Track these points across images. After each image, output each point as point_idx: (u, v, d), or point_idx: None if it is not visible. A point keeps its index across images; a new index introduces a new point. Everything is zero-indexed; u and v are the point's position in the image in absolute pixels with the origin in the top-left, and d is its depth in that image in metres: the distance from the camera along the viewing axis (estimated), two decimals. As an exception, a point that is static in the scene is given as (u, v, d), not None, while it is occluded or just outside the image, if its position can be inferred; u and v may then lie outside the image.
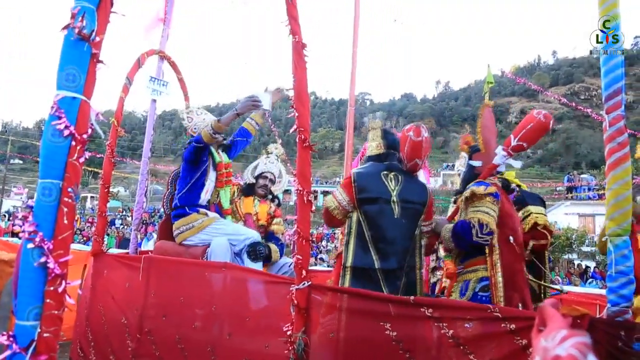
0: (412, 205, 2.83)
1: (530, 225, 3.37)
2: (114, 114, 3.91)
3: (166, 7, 4.63)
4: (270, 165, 4.27)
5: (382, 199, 2.77)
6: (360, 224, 2.78)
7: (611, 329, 1.88)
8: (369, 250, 2.72)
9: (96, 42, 1.44)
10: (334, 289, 2.43)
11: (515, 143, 2.89)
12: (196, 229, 3.59)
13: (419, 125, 2.84)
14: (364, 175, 2.86)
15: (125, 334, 3.31)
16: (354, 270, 2.72)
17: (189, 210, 3.67)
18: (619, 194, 2.00)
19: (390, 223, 2.74)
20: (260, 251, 3.57)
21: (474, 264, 2.89)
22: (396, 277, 2.70)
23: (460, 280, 2.97)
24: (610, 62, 2.10)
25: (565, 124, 75.75)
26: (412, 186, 2.89)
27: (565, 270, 17.94)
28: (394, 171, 2.89)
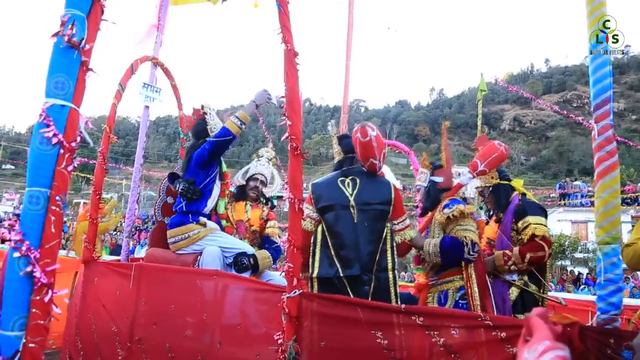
0: (372, 207, 2.82)
1: (528, 236, 3.35)
2: (107, 120, 3.90)
3: (160, 13, 4.64)
4: (260, 168, 4.19)
5: (339, 205, 2.79)
6: (324, 234, 2.81)
7: (601, 337, 1.89)
8: (333, 259, 2.73)
9: (86, 50, 1.44)
10: (325, 297, 2.42)
11: (481, 168, 3.38)
12: (191, 239, 3.50)
13: (364, 125, 2.83)
14: (320, 185, 2.93)
15: (116, 342, 3.27)
16: (319, 281, 2.74)
17: (190, 219, 3.54)
18: (608, 202, 2.02)
19: (350, 228, 2.75)
20: (242, 262, 3.47)
21: (450, 275, 3.14)
22: (363, 283, 2.70)
23: (434, 291, 3.22)
24: (599, 72, 2.12)
25: (557, 131, 76.33)
26: (373, 187, 2.88)
27: (558, 276, 18.03)
28: (351, 175, 2.90)
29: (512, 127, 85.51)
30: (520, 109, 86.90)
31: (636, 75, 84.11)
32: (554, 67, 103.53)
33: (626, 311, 4.80)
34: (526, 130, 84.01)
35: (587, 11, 2.18)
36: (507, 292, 3.38)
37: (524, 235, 3.37)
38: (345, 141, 3.09)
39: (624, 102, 78.61)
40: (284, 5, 2.31)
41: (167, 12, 4.70)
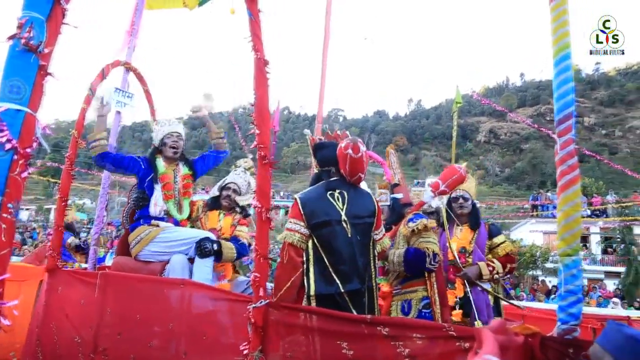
0: (362, 220, 2.83)
1: (505, 251, 3.90)
2: (75, 125, 3.81)
3: (134, 18, 4.59)
4: (235, 177, 4.19)
5: (334, 221, 2.74)
6: (317, 250, 2.72)
7: (561, 347, 1.92)
8: (330, 274, 2.67)
9: (45, 53, 1.41)
10: (291, 307, 2.41)
11: (442, 188, 3.59)
12: (144, 241, 3.54)
13: (355, 141, 2.82)
14: (310, 200, 2.83)
15: (79, 353, 3.19)
16: (318, 299, 2.64)
17: (141, 223, 3.64)
18: (569, 215, 2.06)
19: (346, 243, 2.72)
20: (204, 246, 3.48)
21: (413, 285, 3.35)
22: (361, 296, 2.70)
23: (398, 300, 3.43)
24: (562, 88, 2.17)
25: (531, 143, 77.93)
26: (359, 200, 2.88)
27: (529, 286, 18.32)
28: (338, 189, 2.86)
29: (487, 139, 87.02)
30: (496, 122, 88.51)
31: (606, 91, 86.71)
32: (528, 81, 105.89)
33: (592, 320, 4.92)
34: (501, 142, 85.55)
35: (551, 28, 2.24)
36: (488, 299, 3.75)
37: (501, 250, 3.91)
38: (321, 154, 3.03)
39: (595, 116, 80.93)
40: (255, 14, 2.31)
41: (141, 17, 4.65)
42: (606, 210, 23.43)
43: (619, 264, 22.60)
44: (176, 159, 3.95)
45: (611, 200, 23.62)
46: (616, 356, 1.56)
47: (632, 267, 19.01)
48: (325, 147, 3.03)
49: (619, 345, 1.58)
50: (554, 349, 1.92)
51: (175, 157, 3.94)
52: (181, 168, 3.97)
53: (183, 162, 4.01)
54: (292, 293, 2.64)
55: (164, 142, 3.93)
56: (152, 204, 3.70)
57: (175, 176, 3.90)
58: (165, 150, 3.91)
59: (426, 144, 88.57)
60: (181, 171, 3.95)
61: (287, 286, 2.63)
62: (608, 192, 26.62)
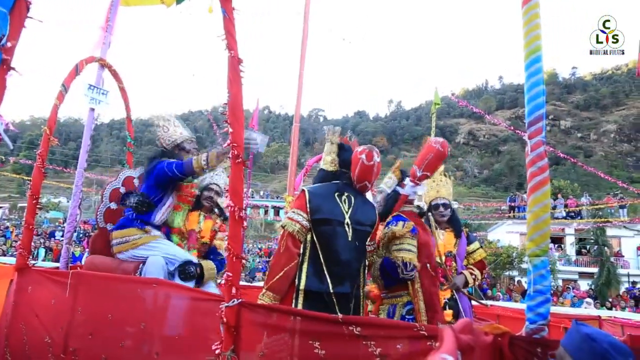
0: (363, 228, 2.86)
1: (481, 257, 4.21)
2: (47, 122, 3.74)
3: (109, 14, 4.52)
4: (216, 177, 4.13)
5: (336, 221, 2.76)
6: (314, 246, 2.73)
7: (529, 346, 1.95)
8: (323, 273, 2.68)
9: (7, 47, 1.37)
10: (262, 306, 2.40)
11: (420, 174, 3.16)
12: (130, 244, 3.44)
13: (372, 149, 2.85)
14: (317, 196, 2.82)
15: (49, 354, 3.13)
16: (307, 294, 2.66)
17: (134, 223, 3.49)
18: (539, 216, 2.09)
19: (345, 246, 2.74)
20: (189, 271, 3.45)
21: (397, 290, 3.14)
22: (348, 300, 2.72)
23: (385, 304, 3.26)
24: (533, 90, 2.20)
25: (509, 145, 79.20)
26: (364, 208, 2.92)
27: (506, 286, 18.59)
28: (347, 192, 2.89)
29: (466, 141, 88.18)
30: (475, 124, 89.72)
31: (582, 95, 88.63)
32: (507, 85, 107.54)
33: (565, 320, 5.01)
34: (480, 144, 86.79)
35: (523, 32, 2.28)
36: (469, 301, 4.01)
37: (477, 255, 4.19)
38: (347, 155, 3.00)
39: (571, 120, 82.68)
40: (229, 12, 2.29)
41: (116, 13, 4.58)
42: (581, 212, 23.94)
43: (592, 265, 23.10)
44: None
45: (585, 202, 24.13)
46: (574, 356, 1.59)
47: (604, 267, 19.45)
48: (347, 150, 3.05)
49: (577, 345, 1.61)
50: (523, 348, 1.95)
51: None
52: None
53: None
54: (283, 283, 2.65)
55: (183, 147, 3.76)
56: (160, 212, 3.57)
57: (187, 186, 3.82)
58: (185, 156, 3.68)
59: (406, 144, 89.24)
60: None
61: (279, 276, 2.64)
62: (583, 194, 27.19)
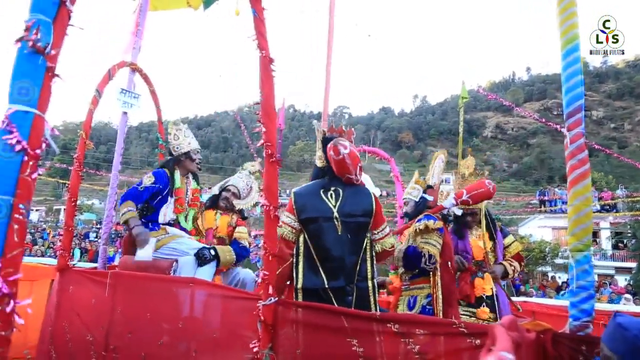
0: (355, 219, 2.81)
1: (518, 250, 4.17)
2: (83, 126, 3.84)
3: (138, 18, 4.60)
4: (237, 180, 4.22)
5: (323, 217, 2.77)
6: (307, 245, 2.78)
7: (573, 344, 1.91)
8: (318, 270, 2.73)
9: (52, 55, 1.41)
10: (301, 304, 2.41)
11: (465, 198, 3.53)
12: (159, 243, 3.60)
13: (336, 142, 2.79)
14: (302, 195, 2.89)
15: (91, 351, 3.21)
16: (304, 292, 2.72)
17: (150, 228, 3.67)
18: (580, 210, 2.04)
19: (334, 241, 2.74)
20: (204, 254, 3.55)
21: (420, 282, 3.45)
22: (346, 294, 2.71)
23: (406, 295, 3.57)
24: (571, 81, 2.15)
25: (539, 138, 77.51)
26: (355, 199, 2.86)
27: (539, 282, 18.21)
28: (334, 186, 2.87)
29: (494, 134, 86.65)
30: (503, 117, 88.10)
31: (614, 84, 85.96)
32: (535, 75, 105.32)
33: (604, 317, 4.87)
34: (508, 137, 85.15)
35: (558, 20, 2.22)
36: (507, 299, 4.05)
37: (513, 249, 4.14)
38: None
39: (603, 110, 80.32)
40: (259, 12, 2.30)
41: (145, 18, 4.66)
42: (616, 205, 23.24)
43: (630, 260, 22.40)
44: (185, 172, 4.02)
45: (621, 195, 23.42)
46: (610, 347, 1.56)
47: (644, 262, 18.85)
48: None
49: (611, 336, 1.58)
50: (567, 345, 1.91)
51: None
52: (191, 181, 4.05)
53: (192, 176, 4.08)
54: (280, 283, 2.69)
55: (190, 156, 3.91)
56: (161, 214, 3.76)
57: (187, 190, 3.99)
58: (190, 164, 3.91)
59: (432, 140, 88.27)
60: (191, 184, 4.04)
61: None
62: (618, 187, 26.39)
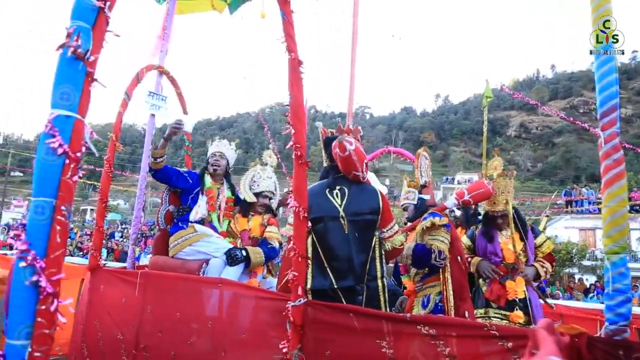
0: (362, 217, 2.81)
1: (549, 250, 4.12)
2: (113, 129, 3.92)
3: (165, 22, 4.67)
4: (268, 182, 4.24)
5: (328, 217, 2.78)
6: (314, 246, 2.78)
7: (609, 348, 1.86)
8: (326, 270, 2.73)
9: (91, 61, 1.45)
10: (330, 305, 2.41)
11: (467, 198, 3.67)
12: (180, 245, 3.76)
13: (342, 140, 2.79)
14: (308, 196, 2.83)
15: (121, 350, 3.28)
16: (314, 293, 2.72)
17: (179, 226, 3.85)
18: (615, 211, 1.99)
19: (341, 240, 2.74)
20: (235, 254, 3.63)
21: (432, 281, 3.50)
22: (356, 293, 2.71)
23: (420, 295, 3.60)
24: (605, 80, 2.11)
25: (564, 137, 75.99)
26: (361, 197, 2.86)
27: (565, 284, 17.85)
28: (339, 185, 2.87)
29: (518, 134, 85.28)
30: (527, 115, 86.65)
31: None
32: (560, 73, 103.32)
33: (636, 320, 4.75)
34: (532, 136, 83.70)
35: (592, 18, 2.18)
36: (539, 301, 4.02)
37: (545, 249, 4.11)
38: (330, 148, 3.00)
39: (632, 108, 78.23)
40: (288, 15, 2.32)
41: (172, 21, 4.73)
42: (646, 205, 22.61)
43: (661, 262, 21.79)
44: (219, 176, 4.15)
45: (652, 195, 22.78)
46: None
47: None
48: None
49: None
50: (603, 350, 1.86)
51: (214, 174, 4.13)
52: (225, 189, 4.16)
53: (228, 186, 4.21)
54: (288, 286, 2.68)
55: (208, 160, 4.20)
56: (193, 212, 3.89)
57: (219, 195, 4.10)
58: (209, 167, 4.16)
59: (455, 140, 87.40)
60: (224, 192, 4.14)
61: (285, 280, 2.68)
62: (648, 186, 25.68)
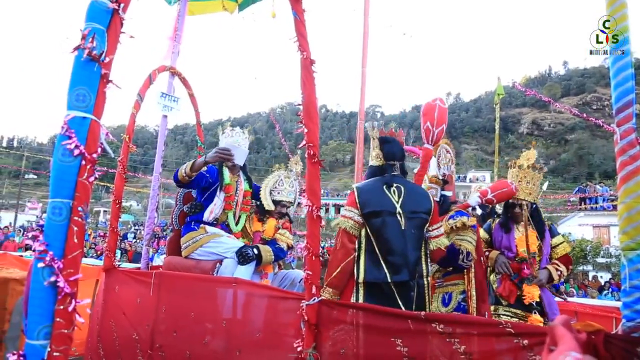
0: (417, 215, 2.86)
1: (566, 252, 4.04)
2: (126, 130, 3.95)
3: (177, 23, 4.71)
4: (289, 192, 4.20)
5: (387, 212, 2.79)
6: (369, 239, 2.79)
7: (627, 345, 1.84)
8: (380, 264, 2.73)
9: (106, 62, 1.47)
10: (344, 304, 2.41)
11: (490, 197, 3.66)
12: (192, 246, 3.73)
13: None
14: (365, 190, 2.89)
15: (137, 349, 3.30)
16: (367, 286, 2.73)
17: (192, 227, 3.82)
18: (632, 207, 1.97)
19: (398, 235, 2.76)
20: (246, 253, 3.59)
21: (454, 279, 3.51)
22: (409, 289, 2.73)
23: (440, 292, 3.60)
24: (621, 75, 2.08)
25: (577, 134, 75.10)
26: (416, 196, 2.91)
27: (579, 281, 17.66)
28: (396, 183, 2.91)
29: (530, 131, 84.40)
30: (539, 112, 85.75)
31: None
32: (572, 70, 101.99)
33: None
34: (545, 133, 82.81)
35: (608, 12, 2.15)
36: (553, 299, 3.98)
37: (561, 250, 4.04)
38: (389, 147, 3.05)
39: (646, 103, 77.00)
40: (300, 14, 2.32)
41: (184, 22, 4.76)
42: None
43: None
44: (236, 168, 4.04)
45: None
46: None
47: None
48: (392, 142, 3.07)
49: None
50: (620, 347, 1.83)
51: (231, 167, 4.02)
52: (242, 182, 4.10)
53: (245, 178, 4.14)
54: (342, 279, 2.74)
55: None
56: (207, 211, 3.82)
57: (237, 188, 4.03)
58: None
59: (466, 137, 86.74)
60: (242, 185, 4.08)
61: (336, 271, 2.72)
62: (663, 182, 25.22)
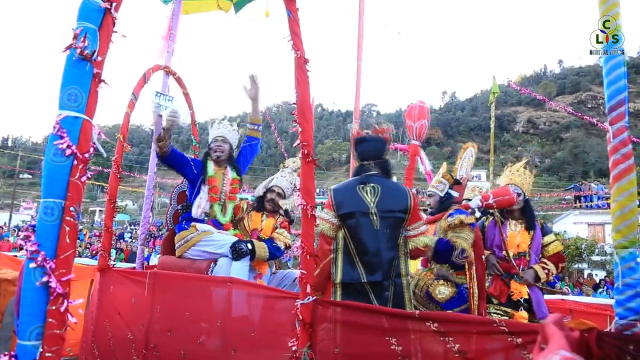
0: (392, 215, 2.84)
1: (557, 250, 4.03)
2: (120, 129, 3.94)
3: (171, 22, 4.69)
4: (280, 179, 4.19)
5: (359, 212, 2.80)
6: (345, 240, 2.82)
7: (620, 343, 1.85)
8: (355, 264, 2.77)
9: (98, 62, 1.46)
10: (338, 303, 2.42)
11: (491, 202, 3.68)
12: (187, 245, 3.70)
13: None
14: (340, 191, 2.94)
15: (132, 349, 3.30)
16: (343, 286, 2.76)
17: (183, 226, 3.81)
18: (624, 205, 1.98)
19: (371, 235, 2.77)
20: (240, 247, 3.56)
21: (456, 275, 3.49)
22: (384, 289, 2.74)
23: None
24: (613, 74, 2.09)
25: (572, 132, 75.30)
26: (392, 195, 2.89)
27: (574, 279, 17.75)
28: (372, 183, 2.89)
29: (525, 129, 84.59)
30: (534, 111, 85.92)
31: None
32: (567, 68, 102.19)
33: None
34: (540, 132, 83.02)
35: (600, 11, 2.16)
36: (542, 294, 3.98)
37: (552, 249, 4.03)
38: (361, 147, 3.05)
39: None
40: (293, 13, 2.32)
41: (178, 21, 4.74)
42: (657, 200, 22.38)
43: (671, 256, 21.57)
44: (222, 162, 4.03)
45: (661, 189, 22.54)
46: None
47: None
48: (366, 141, 3.05)
49: None
50: (612, 345, 1.85)
51: (218, 160, 4.00)
52: (229, 172, 4.06)
53: (232, 167, 4.10)
54: (321, 279, 2.77)
55: (210, 146, 4.06)
56: (195, 206, 3.83)
57: (224, 179, 4.00)
58: (211, 154, 4.02)
59: (462, 136, 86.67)
60: (229, 175, 4.04)
61: (316, 273, 2.71)
62: (657, 181, 25.38)
